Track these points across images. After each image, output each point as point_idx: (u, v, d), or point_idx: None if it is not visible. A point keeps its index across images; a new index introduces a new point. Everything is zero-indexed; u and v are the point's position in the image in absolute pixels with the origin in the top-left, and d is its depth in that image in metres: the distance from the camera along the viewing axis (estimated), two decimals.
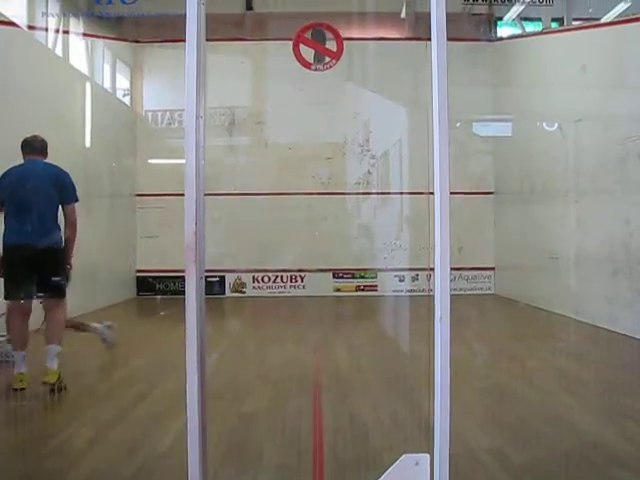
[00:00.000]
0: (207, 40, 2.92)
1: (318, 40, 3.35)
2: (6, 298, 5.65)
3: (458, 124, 11.68)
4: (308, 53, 3.32)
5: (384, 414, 4.98)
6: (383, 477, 2.95)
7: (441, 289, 2.84)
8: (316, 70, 3.32)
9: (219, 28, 11.49)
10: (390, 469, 2.95)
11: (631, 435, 4.39)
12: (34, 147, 5.87)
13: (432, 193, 2.92)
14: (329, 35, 3.46)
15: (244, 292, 14.09)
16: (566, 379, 5.60)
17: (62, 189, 5.75)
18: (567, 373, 5.79)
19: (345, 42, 3.48)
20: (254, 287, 14.14)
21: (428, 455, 2.88)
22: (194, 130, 2.88)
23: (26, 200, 5.62)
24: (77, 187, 5.91)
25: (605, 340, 8.19)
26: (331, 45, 3.46)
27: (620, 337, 8.22)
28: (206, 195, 2.95)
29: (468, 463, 3.76)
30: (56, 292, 5.73)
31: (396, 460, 2.95)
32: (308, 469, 3.87)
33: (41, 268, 5.63)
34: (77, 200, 5.84)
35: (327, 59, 3.33)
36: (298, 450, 4.19)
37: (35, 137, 5.96)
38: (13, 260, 5.61)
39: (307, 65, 3.28)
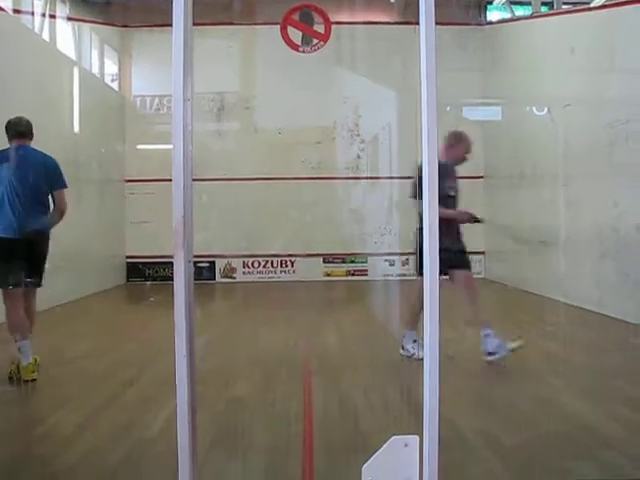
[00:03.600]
0: (194, 24, 2.90)
1: (306, 22, 3.34)
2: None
3: (448, 108, 11.66)
4: (296, 35, 3.30)
5: (374, 397, 5.00)
6: (373, 459, 2.96)
7: (430, 272, 2.85)
8: (304, 52, 3.31)
9: (206, 12, 11.42)
10: (379, 451, 2.97)
11: (620, 417, 4.43)
12: (20, 131, 5.69)
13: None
14: (317, 18, 3.44)
15: (234, 277, 14.10)
16: (555, 362, 5.64)
17: (51, 176, 5.66)
18: (556, 356, 5.82)
19: (334, 26, 3.47)
20: (244, 272, 14.15)
21: (417, 436, 2.90)
22: (181, 114, 2.86)
23: (15, 190, 5.53)
24: (66, 172, 5.86)
25: (593, 323, 8.23)
26: (319, 28, 3.44)
27: (608, 320, 8.27)
28: (195, 180, 2.94)
29: (457, 444, 3.79)
30: (38, 281, 5.69)
31: (385, 442, 2.97)
32: (298, 452, 3.89)
33: (29, 254, 5.54)
34: (66, 186, 5.76)
35: (315, 41, 3.32)
36: (288, 434, 4.21)
37: (20, 119, 5.77)
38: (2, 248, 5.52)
39: (295, 47, 3.27)
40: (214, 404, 4.62)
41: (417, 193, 6.23)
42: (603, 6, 10.00)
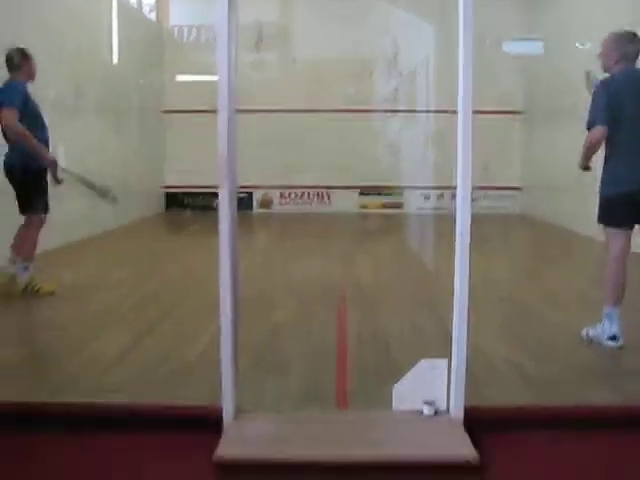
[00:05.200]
0: None
1: None
2: None
3: (487, 41, 11.47)
4: None
5: (406, 325, 5.16)
6: (402, 380, 3.14)
7: (462, 205, 2.96)
8: None
9: None
10: (409, 373, 3.14)
11: None
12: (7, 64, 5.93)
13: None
14: None
15: (271, 208, 14.30)
16: (587, 299, 5.66)
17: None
18: (588, 294, 5.85)
19: None
20: (281, 203, 14.34)
21: (446, 359, 3.06)
22: (226, 47, 2.92)
23: None
24: (105, 103, 6.03)
25: (630, 262, 8.23)
26: None
27: None
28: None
29: (484, 368, 3.94)
30: (23, 209, 5.95)
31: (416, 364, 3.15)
32: (332, 374, 4.10)
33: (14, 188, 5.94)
34: (10, 105, 5.67)
35: None
36: (323, 357, 4.41)
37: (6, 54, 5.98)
38: None
39: None
40: (252, 329, 4.81)
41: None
42: None
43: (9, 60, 5.92)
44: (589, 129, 4.49)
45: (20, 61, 5.91)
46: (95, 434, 3.02)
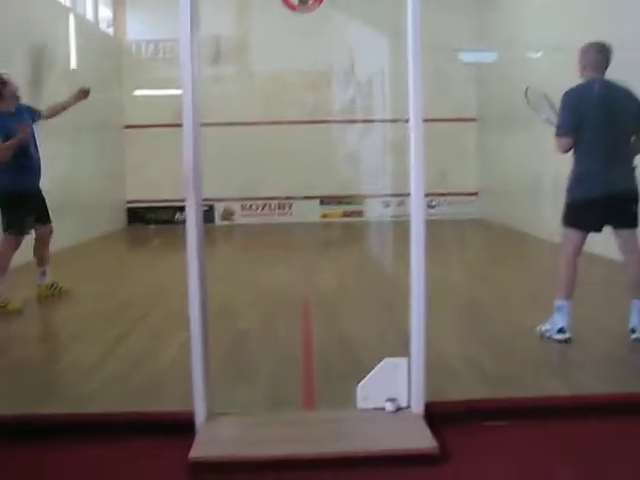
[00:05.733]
0: None
1: None
2: None
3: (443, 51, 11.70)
4: None
5: (369, 328, 5.31)
6: (367, 379, 3.31)
7: (416, 208, 3.15)
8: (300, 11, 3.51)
9: None
10: (372, 373, 3.32)
11: (590, 344, 4.80)
12: None
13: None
14: None
15: (233, 220, 14.40)
16: (541, 298, 5.86)
17: None
18: (540, 293, 6.04)
19: None
20: (243, 215, 14.45)
21: (406, 359, 3.24)
22: (190, 60, 3.06)
23: None
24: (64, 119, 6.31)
25: (581, 262, 8.49)
26: None
27: (594, 258, 8.53)
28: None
29: (443, 366, 4.12)
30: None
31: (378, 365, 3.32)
32: (299, 378, 4.24)
33: None
34: None
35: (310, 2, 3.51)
36: (289, 361, 4.55)
37: None
38: None
39: (292, 7, 3.47)
40: (219, 337, 4.91)
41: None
42: None
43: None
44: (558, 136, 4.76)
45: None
46: (73, 443, 3.14)
